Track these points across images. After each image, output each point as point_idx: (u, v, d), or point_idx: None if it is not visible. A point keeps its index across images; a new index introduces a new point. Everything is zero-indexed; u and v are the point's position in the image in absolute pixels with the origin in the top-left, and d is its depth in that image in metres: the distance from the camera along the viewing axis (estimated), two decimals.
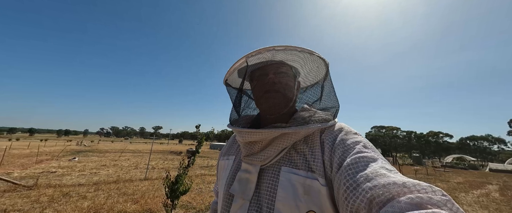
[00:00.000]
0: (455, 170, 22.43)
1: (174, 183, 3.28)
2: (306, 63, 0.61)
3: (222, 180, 0.61)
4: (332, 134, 0.51)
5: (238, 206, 0.50)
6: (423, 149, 64.55)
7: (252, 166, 0.53)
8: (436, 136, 65.90)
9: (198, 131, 12.79)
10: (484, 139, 61.95)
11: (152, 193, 5.25)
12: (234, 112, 0.65)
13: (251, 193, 0.49)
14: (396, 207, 0.28)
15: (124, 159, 14.14)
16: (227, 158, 0.65)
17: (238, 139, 0.58)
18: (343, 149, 0.45)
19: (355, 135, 0.50)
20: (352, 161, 0.40)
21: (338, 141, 0.48)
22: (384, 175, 0.35)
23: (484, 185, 10.76)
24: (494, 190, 9.19)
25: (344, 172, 0.39)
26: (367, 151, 0.43)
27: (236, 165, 0.58)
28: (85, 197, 4.73)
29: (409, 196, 0.29)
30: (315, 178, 0.45)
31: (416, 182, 0.32)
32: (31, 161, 10.82)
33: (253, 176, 0.51)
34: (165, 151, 25.24)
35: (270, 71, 0.57)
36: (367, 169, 0.37)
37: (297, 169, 0.48)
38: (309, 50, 0.56)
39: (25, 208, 3.89)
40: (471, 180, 12.78)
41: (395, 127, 68.92)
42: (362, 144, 0.46)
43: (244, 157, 0.55)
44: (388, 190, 0.31)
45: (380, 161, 0.40)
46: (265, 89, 0.56)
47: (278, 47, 0.53)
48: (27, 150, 18.19)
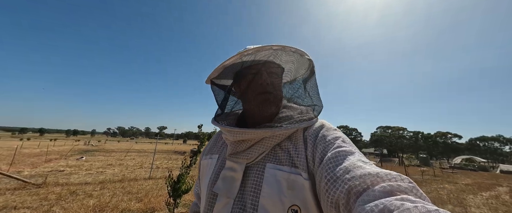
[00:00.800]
0: (464, 171, 21.84)
1: (176, 182, 3.33)
2: (295, 63, 0.63)
3: (204, 179, 0.60)
4: (314, 130, 0.54)
5: (222, 205, 0.50)
6: (431, 149, 63.10)
7: (238, 164, 0.53)
8: (444, 137, 64.28)
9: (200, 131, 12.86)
10: (495, 139, 60.13)
11: (156, 192, 5.34)
12: (224, 105, 0.64)
13: (236, 191, 0.49)
14: (371, 195, 0.31)
15: (129, 158, 14.41)
16: (210, 157, 0.64)
17: (227, 137, 0.57)
18: (324, 144, 0.48)
19: (335, 131, 0.53)
20: (332, 155, 0.43)
21: (320, 137, 0.51)
22: (360, 167, 0.37)
23: (494, 187, 10.44)
24: (504, 192, 8.90)
25: (325, 166, 0.41)
26: (345, 146, 0.46)
27: (220, 164, 0.58)
28: (91, 196, 4.85)
29: (382, 185, 0.32)
30: (299, 173, 0.47)
31: (388, 172, 0.35)
32: (40, 160, 11.17)
33: (238, 174, 0.51)
34: (170, 151, 25.57)
35: (264, 71, 0.57)
36: (345, 162, 0.40)
37: (281, 165, 0.49)
38: (301, 51, 0.57)
39: (34, 206, 4.02)
40: (480, 181, 12.42)
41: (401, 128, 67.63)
42: (341, 139, 0.49)
43: (229, 155, 0.55)
44: (363, 181, 0.34)
45: (357, 154, 0.43)
46: (259, 91, 0.56)
47: (275, 47, 0.53)
48: (37, 149, 18.77)
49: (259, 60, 0.58)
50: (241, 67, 0.60)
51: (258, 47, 0.53)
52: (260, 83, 0.56)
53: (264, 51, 0.55)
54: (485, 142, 61.44)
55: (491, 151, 59.54)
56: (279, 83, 0.60)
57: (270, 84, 0.57)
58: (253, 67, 0.58)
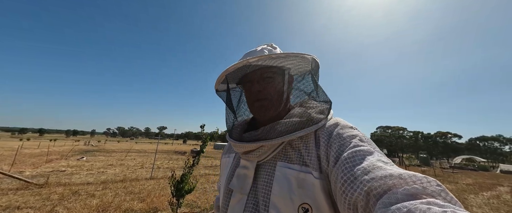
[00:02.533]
0: (464, 171, 21.82)
1: (179, 182, 3.33)
2: (289, 64, 0.60)
3: (223, 176, 0.66)
4: (328, 129, 0.52)
5: (236, 200, 0.53)
6: (431, 149, 63.03)
7: (250, 162, 0.55)
8: (444, 137, 64.25)
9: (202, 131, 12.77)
10: (495, 139, 60.10)
11: (158, 192, 5.34)
12: (229, 118, 0.67)
13: (249, 188, 0.52)
14: (393, 198, 0.28)
15: (130, 158, 14.38)
16: (228, 156, 0.69)
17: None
18: (340, 143, 0.46)
19: (351, 129, 0.50)
20: (349, 155, 0.41)
21: (334, 135, 0.49)
22: (381, 167, 0.35)
23: (495, 186, 10.44)
24: (505, 192, 8.90)
25: (341, 166, 0.40)
26: (363, 145, 0.43)
27: (236, 162, 0.62)
28: (93, 196, 4.85)
29: (405, 188, 0.29)
30: (309, 171, 0.46)
31: (412, 174, 0.32)
32: (41, 160, 11.15)
33: (250, 172, 0.54)
34: (170, 151, 25.53)
35: (255, 79, 0.58)
36: (364, 162, 0.38)
37: (291, 164, 0.50)
38: (286, 53, 0.54)
39: (37, 206, 4.02)
40: (481, 181, 12.42)
41: (401, 128, 67.59)
42: (358, 138, 0.46)
43: (242, 153, 0.57)
44: (385, 182, 0.31)
45: (377, 154, 0.41)
46: (253, 99, 0.58)
47: (251, 59, 0.52)
48: (37, 149, 18.73)
49: (246, 67, 0.57)
50: (234, 77, 0.62)
51: (235, 64, 0.53)
52: (253, 91, 0.58)
53: (241, 65, 0.53)
54: (485, 142, 61.39)
55: (491, 151, 59.48)
56: (275, 86, 0.57)
57: (263, 90, 0.56)
58: (247, 76, 0.60)
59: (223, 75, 0.58)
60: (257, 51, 0.60)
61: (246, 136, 0.56)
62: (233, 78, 0.64)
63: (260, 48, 0.61)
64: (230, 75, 0.60)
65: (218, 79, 0.61)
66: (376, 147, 0.45)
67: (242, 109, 0.73)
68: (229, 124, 0.66)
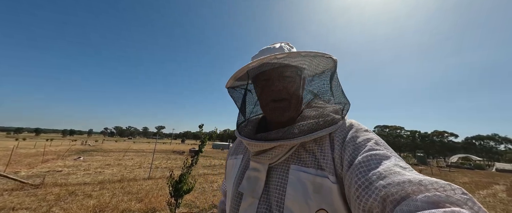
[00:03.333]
0: (461, 170, 22.11)
1: (178, 182, 3.31)
2: (312, 63, 0.58)
3: (230, 179, 0.61)
4: (342, 131, 0.50)
5: (247, 204, 0.50)
6: (428, 148, 63.72)
7: (261, 164, 0.52)
8: (441, 136, 64.97)
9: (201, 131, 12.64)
10: (491, 138, 60.92)
11: (156, 192, 5.30)
12: (241, 116, 0.65)
13: (260, 192, 0.49)
14: (412, 205, 0.26)
15: (128, 158, 14.29)
16: (235, 157, 0.65)
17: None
18: (354, 146, 0.44)
19: (366, 132, 0.48)
20: (364, 159, 0.39)
21: (349, 138, 0.47)
22: (398, 173, 0.33)
23: (491, 185, 10.58)
24: (501, 191, 9.03)
25: (356, 170, 0.38)
26: (379, 149, 0.41)
27: (245, 164, 0.59)
28: (90, 196, 4.79)
29: (426, 194, 0.27)
30: (325, 176, 0.44)
31: (434, 180, 0.30)
32: (37, 160, 11.02)
33: (262, 175, 0.51)
34: (168, 150, 25.43)
35: (275, 77, 0.55)
36: (380, 167, 0.36)
37: (306, 167, 0.47)
38: (314, 52, 0.52)
39: (32, 206, 3.96)
40: (477, 180, 12.58)
41: (398, 127, 68.20)
42: (374, 141, 0.44)
43: (253, 155, 0.55)
44: (403, 188, 0.29)
45: (394, 158, 0.39)
46: (271, 98, 0.54)
47: (279, 55, 0.50)
48: (33, 149, 18.54)
49: (268, 65, 0.54)
50: (252, 74, 0.59)
51: (261, 59, 0.50)
52: (271, 90, 0.54)
53: (267, 61, 0.51)
54: (481, 141, 62.19)
55: (487, 149, 60.28)
56: (295, 86, 0.55)
57: (283, 89, 0.54)
58: (264, 73, 0.56)
59: (244, 70, 0.54)
60: (276, 48, 0.57)
61: (260, 135, 0.53)
62: (251, 75, 0.60)
63: (278, 46, 0.58)
64: (250, 71, 0.56)
65: (235, 74, 0.56)
66: (393, 152, 0.43)
67: (254, 109, 0.71)
68: (239, 121, 0.63)
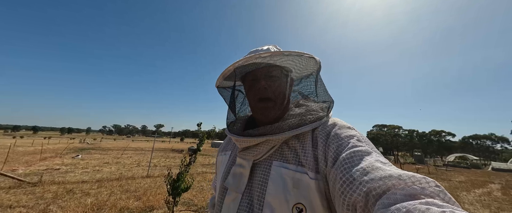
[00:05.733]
0: (457, 169, 22.29)
1: (175, 180, 3.31)
2: (296, 63, 0.61)
3: (219, 174, 0.65)
4: (325, 129, 0.52)
5: (231, 199, 0.53)
6: (425, 148, 64.15)
7: (246, 160, 0.55)
8: (439, 135, 65.38)
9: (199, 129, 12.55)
10: (487, 138, 61.38)
11: (154, 190, 5.31)
12: (230, 114, 0.68)
13: (244, 187, 0.52)
14: (392, 198, 0.29)
15: (126, 156, 14.26)
16: (224, 153, 0.69)
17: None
18: (337, 143, 0.45)
19: (349, 129, 0.50)
20: (347, 156, 0.40)
21: (332, 135, 0.49)
22: (379, 168, 0.35)
23: (486, 184, 10.70)
24: (496, 189, 9.13)
25: (340, 167, 0.39)
26: (361, 145, 0.43)
27: (232, 160, 0.61)
28: (88, 194, 4.80)
29: (404, 188, 0.30)
30: (305, 172, 0.46)
31: (411, 174, 0.32)
32: (35, 158, 10.97)
33: (246, 171, 0.54)
34: (167, 149, 25.41)
35: (261, 77, 0.57)
36: (362, 163, 0.38)
37: (287, 163, 0.49)
38: (296, 52, 0.54)
39: (30, 204, 3.96)
40: (473, 179, 12.71)
41: (396, 126, 68.45)
42: (356, 138, 0.46)
43: (239, 152, 0.57)
44: (384, 183, 0.32)
45: (375, 154, 0.41)
46: (257, 97, 0.57)
47: (264, 54, 0.53)
48: (31, 147, 18.42)
49: (253, 65, 0.57)
50: (239, 73, 0.61)
51: (246, 57, 0.53)
52: (257, 89, 0.57)
53: (251, 61, 0.54)
54: (478, 140, 62.65)
55: (483, 149, 60.78)
56: (281, 85, 0.58)
57: (268, 88, 0.56)
58: (251, 73, 0.59)
59: (231, 68, 0.57)
60: (263, 49, 0.60)
61: (248, 132, 0.56)
62: (238, 73, 0.63)
63: (266, 47, 0.61)
64: (237, 69, 0.59)
65: (223, 72, 0.59)
66: (374, 147, 0.45)
67: (242, 107, 0.73)
68: (229, 119, 0.66)
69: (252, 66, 0.57)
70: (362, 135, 0.49)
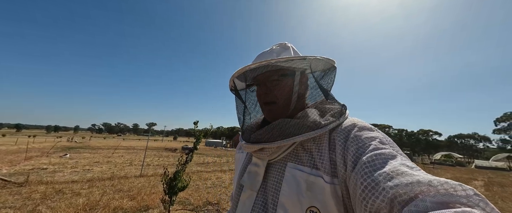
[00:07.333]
0: (443, 166, 23.28)
1: (172, 179, 3.27)
2: (299, 66, 0.57)
3: (236, 171, 0.68)
4: (344, 131, 0.48)
5: (246, 196, 0.55)
6: (414, 146, 66.42)
7: (261, 160, 0.55)
8: (426, 134, 67.92)
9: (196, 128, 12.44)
10: (471, 137, 64.25)
11: (149, 190, 5.21)
12: (241, 118, 0.67)
13: (258, 185, 0.53)
14: (421, 206, 0.25)
15: (117, 155, 13.90)
16: (241, 152, 0.70)
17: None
18: (357, 146, 0.42)
19: (370, 130, 0.46)
20: (369, 159, 0.37)
21: (352, 138, 0.45)
22: (406, 172, 0.32)
23: (471, 181, 11.24)
24: (479, 186, 9.61)
25: (361, 171, 0.36)
26: (384, 147, 0.39)
27: (248, 159, 0.63)
28: (79, 194, 4.64)
29: (435, 195, 0.26)
30: (320, 175, 0.44)
31: (444, 181, 0.28)
32: (20, 157, 10.47)
33: (261, 170, 0.54)
34: (160, 148, 25.00)
35: (262, 82, 0.58)
36: (386, 166, 0.34)
37: (302, 166, 0.48)
38: (292, 57, 0.52)
39: (17, 205, 3.79)
40: (458, 176, 13.32)
41: (386, 125, 70.53)
42: (378, 140, 0.42)
43: (254, 151, 0.57)
44: (412, 189, 0.28)
45: (400, 157, 0.37)
46: (262, 101, 0.58)
47: (252, 66, 0.53)
48: (14, 146, 17.59)
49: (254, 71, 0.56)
50: (251, 77, 0.61)
51: (242, 68, 0.54)
52: (262, 93, 0.58)
53: (248, 69, 0.55)
54: (462, 139, 65.50)
55: (467, 147, 63.48)
56: (282, 88, 0.56)
57: (270, 92, 0.56)
58: (255, 78, 0.60)
59: (231, 78, 0.61)
60: (266, 54, 0.59)
61: (253, 136, 0.56)
62: (246, 79, 0.65)
63: (269, 50, 0.60)
64: (239, 77, 0.61)
65: (231, 77, 0.62)
66: (400, 150, 0.41)
67: (255, 110, 0.72)
68: (241, 124, 0.67)
69: (254, 72, 0.57)
70: (385, 136, 0.45)
